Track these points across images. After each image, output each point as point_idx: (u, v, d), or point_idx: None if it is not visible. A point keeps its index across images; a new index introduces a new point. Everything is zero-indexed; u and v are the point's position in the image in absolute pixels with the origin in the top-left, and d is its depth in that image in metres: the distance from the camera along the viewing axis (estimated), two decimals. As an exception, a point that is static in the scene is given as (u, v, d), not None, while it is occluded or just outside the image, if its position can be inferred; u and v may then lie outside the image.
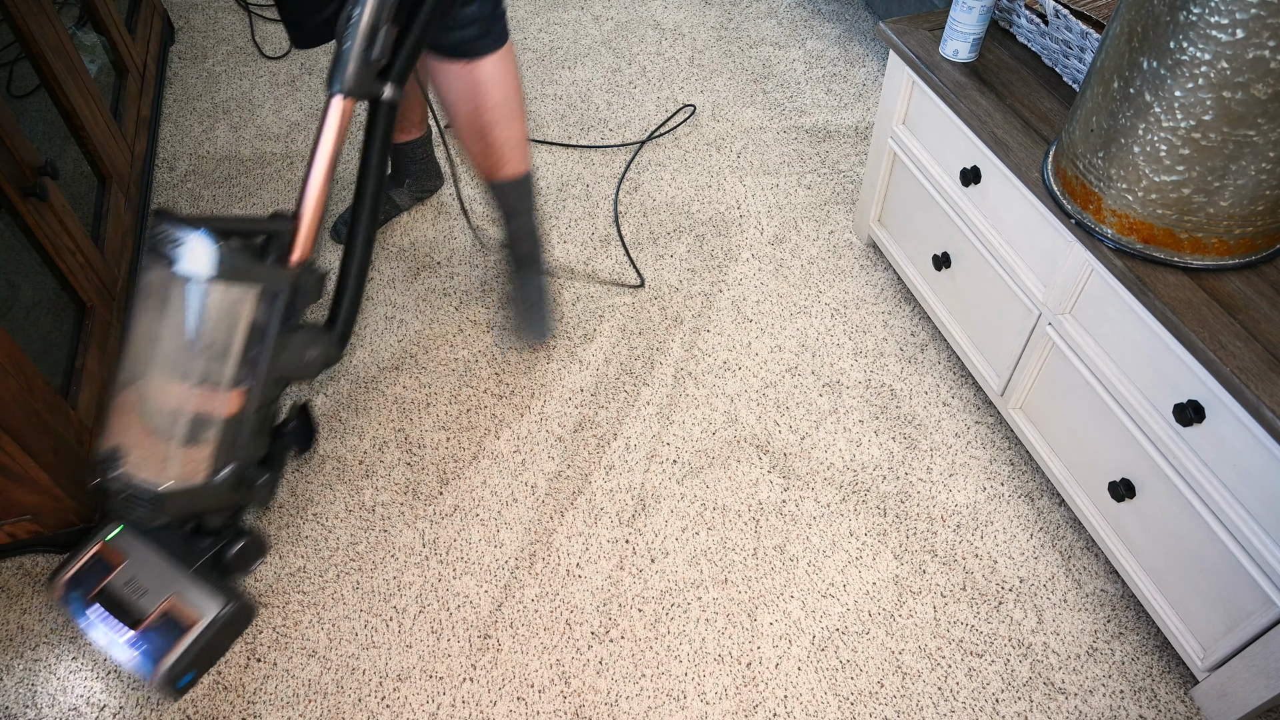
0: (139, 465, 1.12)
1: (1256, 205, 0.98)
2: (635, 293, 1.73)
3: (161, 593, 1.23)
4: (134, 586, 1.24)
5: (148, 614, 1.22)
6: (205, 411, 1.12)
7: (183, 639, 1.21)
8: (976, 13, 1.30)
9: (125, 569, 1.25)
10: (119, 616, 1.22)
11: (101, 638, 1.22)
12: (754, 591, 1.32)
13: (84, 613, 1.23)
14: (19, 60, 1.53)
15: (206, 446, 1.14)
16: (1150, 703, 1.20)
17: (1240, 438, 1.00)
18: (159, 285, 1.09)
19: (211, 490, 1.18)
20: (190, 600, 1.23)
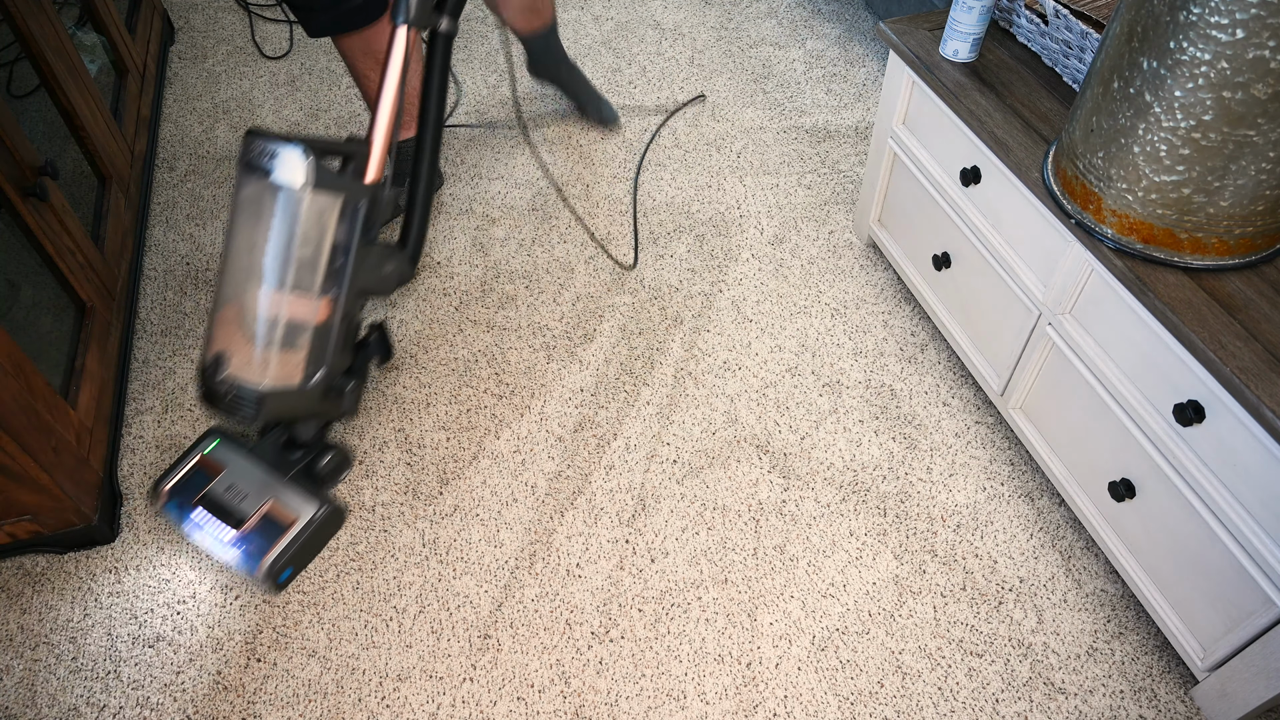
0: (241, 369, 1.21)
1: (1256, 205, 0.98)
2: (635, 294, 1.73)
3: (260, 497, 1.33)
4: (234, 493, 1.33)
5: (249, 516, 1.31)
6: (299, 318, 1.22)
7: (282, 538, 1.29)
8: (976, 13, 1.30)
9: (224, 477, 1.35)
10: (222, 519, 1.31)
11: (205, 540, 1.30)
12: (754, 591, 1.32)
13: (188, 517, 1.32)
14: (19, 60, 1.53)
15: (300, 352, 1.24)
16: (1150, 703, 1.20)
17: (1240, 438, 1.00)
18: (254, 197, 1.17)
19: (305, 395, 1.27)
20: (287, 503, 1.32)
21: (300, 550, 1.31)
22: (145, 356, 1.65)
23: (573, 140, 2.06)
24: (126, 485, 1.46)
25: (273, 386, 1.23)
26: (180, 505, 1.33)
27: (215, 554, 1.34)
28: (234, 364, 1.21)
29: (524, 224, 1.88)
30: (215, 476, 1.35)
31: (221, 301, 1.23)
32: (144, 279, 1.79)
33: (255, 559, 1.28)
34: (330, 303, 1.24)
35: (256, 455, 1.37)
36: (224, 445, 1.39)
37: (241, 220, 1.20)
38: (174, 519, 1.33)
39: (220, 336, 1.23)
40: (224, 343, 1.22)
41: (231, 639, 1.29)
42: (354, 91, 2.22)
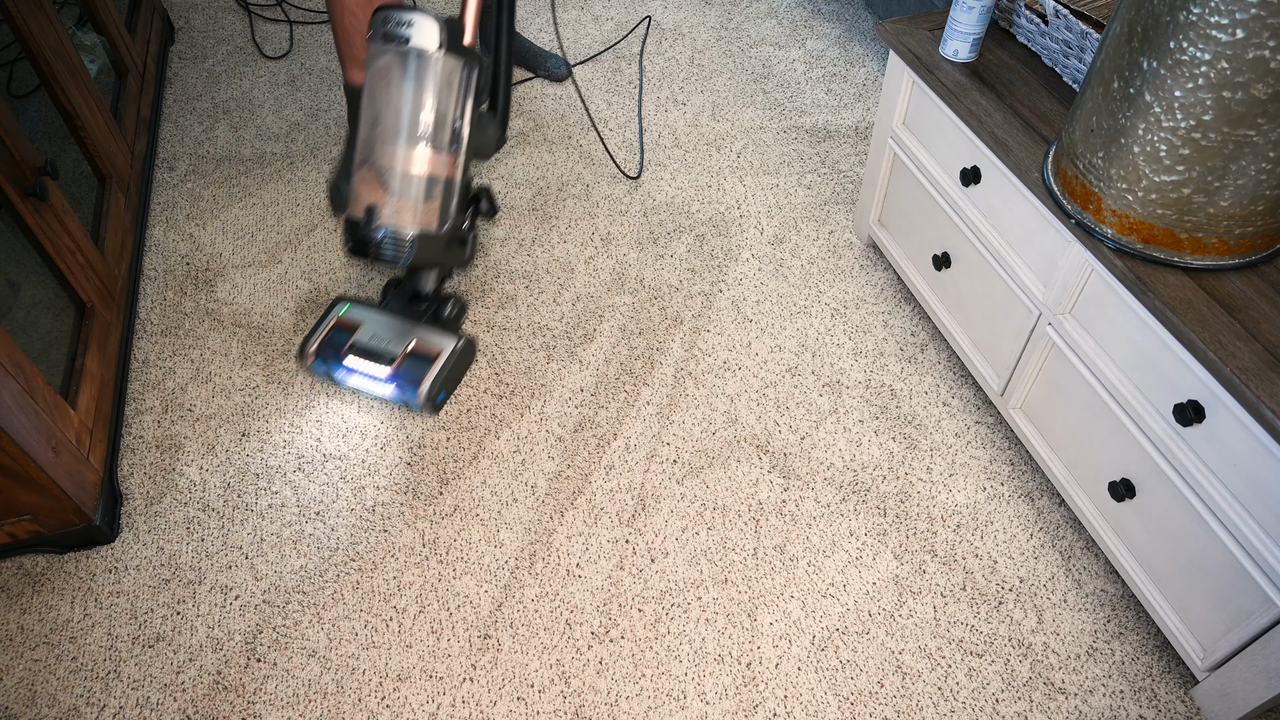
0: (391, 218, 1.39)
1: (1256, 205, 0.98)
2: (635, 294, 1.73)
3: (403, 340, 1.51)
4: (378, 340, 1.51)
5: (397, 355, 1.49)
6: (433, 172, 1.40)
7: (433, 366, 1.48)
8: (976, 13, 1.30)
9: (364, 330, 1.53)
10: (374, 362, 1.48)
11: (362, 383, 1.48)
12: (754, 591, 1.32)
13: (339, 367, 1.48)
14: (19, 60, 1.53)
15: (435, 202, 1.43)
16: (1150, 703, 1.20)
17: (1240, 438, 1.00)
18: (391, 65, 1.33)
19: (439, 241, 1.45)
20: (429, 340, 1.51)
21: (449, 376, 1.50)
22: (145, 356, 1.65)
23: (572, 140, 2.06)
24: (126, 485, 1.46)
25: (420, 231, 1.41)
26: (328, 359, 1.50)
27: (372, 392, 1.49)
28: (384, 214, 1.38)
29: (524, 224, 1.88)
30: (355, 331, 1.53)
31: (360, 162, 1.40)
32: (144, 279, 1.79)
33: (413, 388, 1.45)
34: (454, 159, 1.43)
35: (387, 310, 1.56)
36: (355, 306, 1.56)
37: (378, 86, 1.35)
38: (323, 373, 1.51)
39: (365, 193, 1.40)
40: (371, 197, 1.39)
41: (231, 639, 1.29)
42: (354, 91, 2.22)
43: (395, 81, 1.34)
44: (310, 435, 1.52)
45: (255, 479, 1.47)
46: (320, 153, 2.06)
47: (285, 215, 1.92)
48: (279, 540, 1.39)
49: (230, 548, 1.38)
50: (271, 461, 1.49)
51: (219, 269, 1.81)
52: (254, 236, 1.87)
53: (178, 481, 1.47)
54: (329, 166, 2.02)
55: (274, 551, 1.38)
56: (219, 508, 1.43)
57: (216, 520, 1.42)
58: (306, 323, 1.70)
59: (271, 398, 1.58)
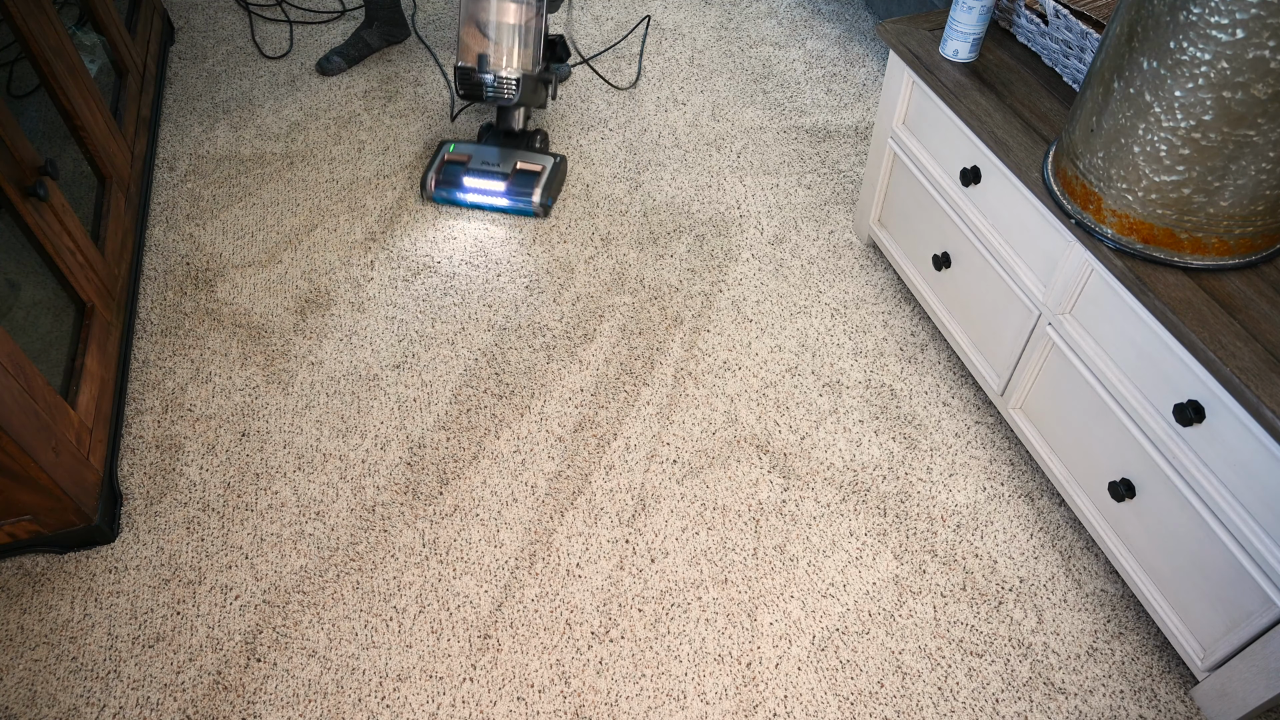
0: (500, 63, 1.74)
1: (1256, 205, 0.98)
2: (635, 294, 1.73)
3: (509, 162, 1.85)
4: (488, 166, 1.85)
5: (508, 174, 1.83)
6: (525, 22, 1.73)
7: (541, 177, 1.83)
8: (976, 13, 1.30)
9: (474, 160, 1.86)
10: (490, 179, 1.82)
11: (481, 199, 1.84)
12: (754, 591, 1.32)
13: (461, 189, 1.83)
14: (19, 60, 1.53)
15: (530, 48, 1.75)
16: (1150, 703, 1.20)
17: (1240, 438, 1.00)
18: None
19: (533, 81, 1.79)
20: (531, 160, 1.86)
21: (553, 185, 1.85)
22: (145, 356, 1.65)
23: (573, 140, 2.06)
24: (126, 485, 1.46)
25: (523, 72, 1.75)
26: (450, 186, 1.83)
27: (493, 205, 1.84)
28: (493, 61, 1.73)
29: (524, 224, 1.88)
30: (467, 162, 1.85)
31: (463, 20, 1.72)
32: (144, 279, 1.79)
33: (526, 196, 1.80)
34: (537, 9, 1.73)
35: (487, 145, 1.88)
36: (460, 145, 1.89)
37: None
38: (446, 198, 1.84)
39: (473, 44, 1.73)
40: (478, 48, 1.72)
41: (231, 639, 1.29)
42: (353, 91, 2.22)
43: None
44: (310, 435, 1.52)
45: (255, 479, 1.47)
46: (320, 152, 2.06)
47: (285, 215, 1.92)
48: (279, 540, 1.39)
49: (230, 548, 1.38)
50: (271, 461, 1.49)
51: (219, 269, 1.81)
52: (254, 236, 1.87)
53: (178, 481, 1.47)
54: (328, 166, 2.02)
55: (274, 551, 1.38)
56: (219, 508, 1.43)
57: (216, 520, 1.42)
58: (307, 322, 1.70)
59: (271, 398, 1.58)
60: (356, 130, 2.11)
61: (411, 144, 2.07)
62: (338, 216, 1.91)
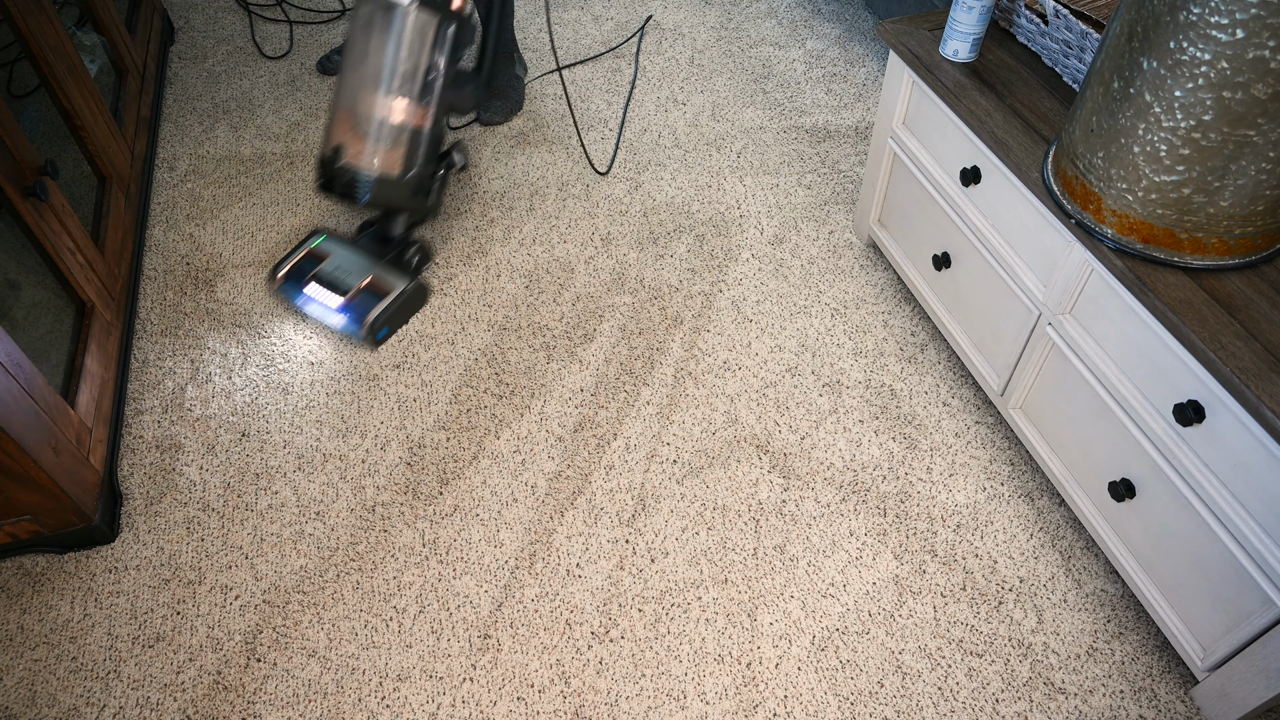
0: (356, 158, 1.53)
1: (1256, 205, 0.98)
2: (635, 294, 1.73)
3: (362, 275, 1.65)
4: (339, 273, 1.66)
5: (352, 288, 1.63)
6: (401, 120, 1.52)
7: (381, 302, 1.61)
8: (976, 13, 1.30)
9: (330, 262, 1.67)
10: (331, 291, 1.63)
11: (316, 310, 1.63)
12: (754, 591, 1.32)
13: (301, 293, 1.64)
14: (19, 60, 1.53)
15: (401, 149, 1.55)
16: (1150, 703, 1.20)
17: (1240, 438, 1.00)
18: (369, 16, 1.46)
19: (401, 186, 1.58)
20: (384, 279, 1.64)
21: (395, 314, 1.63)
22: (145, 356, 1.65)
23: (572, 140, 2.06)
24: (126, 485, 1.46)
25: (380, 174, 1.54)
26: (294, 284, 1.65)
27: (325, 320, 1.64)
28: (349, 154, 1.52)
29: (524, 224, 1.88)
30: (322, 261, 1.67)
31: (339, 106, 1.53)
32: (144, 279, 1.79)
33: (359, 319, 1.59)
34: (424, 110, 1.54)
35: (355, 247, 1.69)
36: (328, 239, 1.71)
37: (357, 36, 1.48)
38: (288, 296, 1.66)
39: (338, 132, 1.53)
40: (341, 137, 1.52)
41: (231, 639, 1.29)
42: (354, 91, 2.22)
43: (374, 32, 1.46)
44: (310, 435, 1.52)
45: (255, 479, 1.47)
46: (320, 153, 2.06)
47: (285, 215, 1.92)
48: (279, 540, 1.39)
49: (230, 548, 1.38)
50: (271, 461, 1.49)
51: (219, 269, 1.81)
52: (254, 236, 1.87)
53: (178, 481, 1.47)
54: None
55: (274, 551, 1.38)
56: (219, 508, 1.43)
57: (216, 520, 1.42)
58: (307, 322, 1.70)
59: (271, 398, 1.58)
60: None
61: (411, 144, 2.07)
62: (338, 217, 1.91)
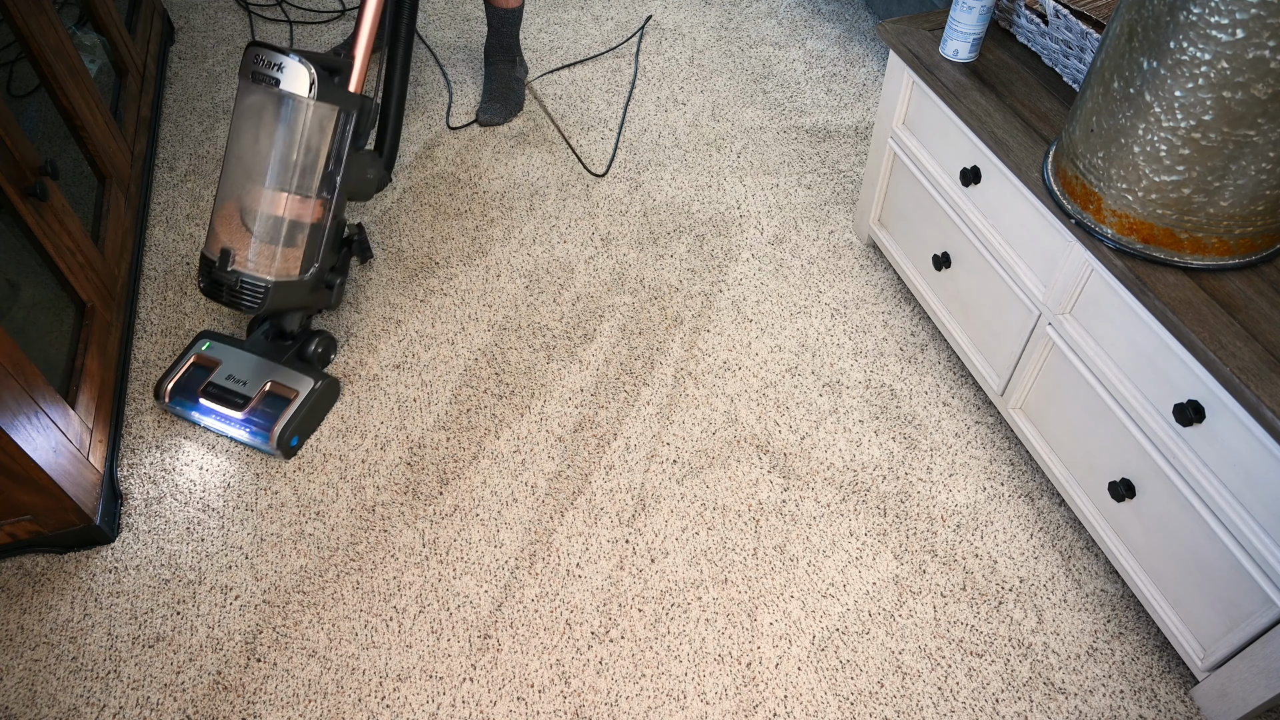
0: (247, 263, 1.36)
1: (1256, 205, 0.98)
2: (635, 294, 1.73)
3: (260, 381, 1.47)
4: (234, 380, 1.48)
5: (251, 397, 1.46)
6: (298, 218, 1.37)
7: (287, 409, 1.45)
8: (976, 13, 1.30)
9: (222, 369, 1.49)
10: (227, 404, 1.45)
11: (216, 423, 1.46)
12: (754, 591, 1.32)
13: (195, 407, 1.47)
14: (19, 60, 1.53)
15: (298, 249, 1.39)
16: (1150, 703, 1.20)
17: (1240, 438, 1.00)
18: (259, 105, 1.29)
19: (301, 287, 1.43)
20: (286, 381, 1.47)
21: (305, 420, 1.46)
22: (145, 356, 1.65)
23: (572, 141, 2.07)
24: (126, 485, 1.46)
25: (278, 278, 1.37)
26: (184, 399, 1.47)
27: (227, 433, 1.48)
28: (238, 258, 1.35)
29: (524, 223, 1.88)
30: (213, 370, 1.49)
31: (222, 200, 1.35)
32: (144, 279, 1.79)
33: (265, 432, 1.43)
34: (324, 204, 1.39)
35: (248, 348, 1.51)
36: (216, 344, 1.53)
37: (244, 125, 1.31)
38: (181, 413, 1.48)
39: (224, 233, 1.35)
40: (228, 239, 1.35)
41: (231, 639, 1.29)
42: (354, 91, 2.22)
43: (264, 121, 1.30)
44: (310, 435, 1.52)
45: (255, 479, 1.47)
46: (320, 153, 2.06)
47: (285, 215, 1.91)
48: (279, 540, 1.39)
49: (230, 548, 1.38)
50: (271, 461, 1.49)
51: (219, 269, 1.81)
52: (254, 236, 1.87)
53: (178, 481, 1.47)
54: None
55: (274, 551, 1.38)
56: (219, 508, 1.43)
57: (216, 520, 1.42)
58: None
59: (271, 398, 1.58)
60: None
61: (411, 144, 2.07)
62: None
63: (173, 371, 1.50)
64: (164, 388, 1.48)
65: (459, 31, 2.42)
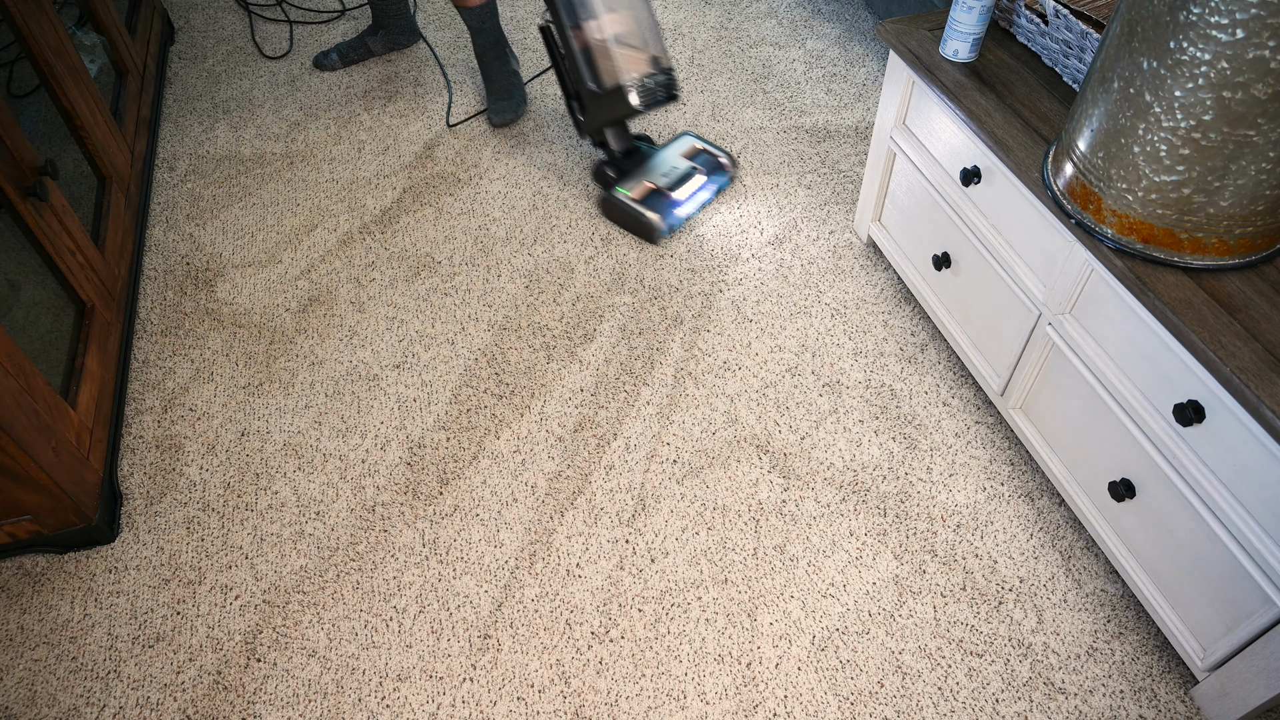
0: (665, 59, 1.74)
1: (1256, 205, 0.98)
2: (635, 294, 1.73)
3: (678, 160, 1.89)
4: (672, 173, 1.85)
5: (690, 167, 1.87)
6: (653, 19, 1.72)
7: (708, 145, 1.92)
8: (976, 13, 1.30)
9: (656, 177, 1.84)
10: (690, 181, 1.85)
11: (698, 200, 1.84)
12: (754, 591, 1.32)
13: (676, 207, 1.80)
14: (19, 60, 1.53)
15: (663, 42, 1.74)
16: (1150, 703, 1.20)
17: (1240, 438, 1.00)
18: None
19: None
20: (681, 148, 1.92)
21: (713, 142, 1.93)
22: (145, 356, 1.65)
23: (572, 140, 2.06)
24: (126, 485, 1.46)
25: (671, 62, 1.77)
26: (667, 214, 1.78)
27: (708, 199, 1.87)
28: (661, 62, 1.72)
29: (524, 224, 1.88)
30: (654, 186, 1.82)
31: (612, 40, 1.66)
32: (144, 279, 1.79)
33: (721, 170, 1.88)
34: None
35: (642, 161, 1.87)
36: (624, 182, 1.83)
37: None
38: (675, 224, 1.81)
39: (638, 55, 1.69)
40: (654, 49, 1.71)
41: (231, 639, 1.29)
42: (353, 91, 2.22)
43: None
44: (310, 435, 1.52)
45: (255, 479, 1.47)
46: (320, 152, 2.06)
47: (285, 215, 1.92)
48: (279, 540, 1.39)
49: (230, 548, 1.38)
50: (271, 461, 1.49)
51: (219, 269, 1.81)
52: (254, 236, 1.87)
53: (178, 481, 1.47)
54: (328, 166, 2.01)
55: (274, 551, 1.38)
56: (219, 508, 1.43)
57: (216, 520, 1.42)
58: (307, 322, 1.70)
59: (271, 397, 1.58)
60: (356, 130, 2.11)
61: (411, 144, 2.07)
62: (338, 216, 1.91)
63: (642, 216, 1.76)
64: (652, 225, 1.75)
65: (459, 31, 2.42)
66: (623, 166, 1.84)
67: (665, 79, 1.71)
